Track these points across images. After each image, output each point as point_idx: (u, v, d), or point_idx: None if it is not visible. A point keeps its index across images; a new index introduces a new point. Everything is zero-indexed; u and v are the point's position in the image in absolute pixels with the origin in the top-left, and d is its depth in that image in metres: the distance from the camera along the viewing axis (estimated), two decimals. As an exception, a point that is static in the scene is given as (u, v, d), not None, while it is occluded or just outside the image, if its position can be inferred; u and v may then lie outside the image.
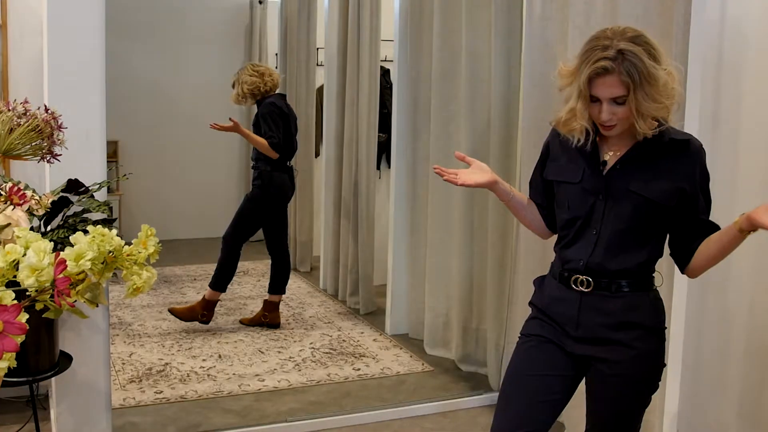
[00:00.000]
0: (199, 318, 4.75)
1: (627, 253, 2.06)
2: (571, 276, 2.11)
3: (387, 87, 5.85)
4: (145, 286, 2.47)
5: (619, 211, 2.04)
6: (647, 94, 1.92)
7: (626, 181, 2.03)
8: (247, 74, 4.70)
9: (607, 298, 2.08)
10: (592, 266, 2.08)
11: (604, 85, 1.94)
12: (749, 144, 2.73)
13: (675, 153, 2.04)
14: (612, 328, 2.07)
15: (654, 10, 2.84)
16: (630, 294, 2.08)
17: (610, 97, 1.95)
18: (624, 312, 2.07)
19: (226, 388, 3.89)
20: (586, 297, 2.09)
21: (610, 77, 1.93)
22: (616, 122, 1.99)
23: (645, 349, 2.09)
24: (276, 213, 4.81)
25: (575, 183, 2.10)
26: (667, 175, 2.03)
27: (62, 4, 2.77)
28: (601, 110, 1.97)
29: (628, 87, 1.92)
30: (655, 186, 2.02)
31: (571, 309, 2.11)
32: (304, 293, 5.79)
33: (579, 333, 2.10)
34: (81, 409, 2.94)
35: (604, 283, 2.07)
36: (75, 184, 2.72)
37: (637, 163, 2.04)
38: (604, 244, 2.06)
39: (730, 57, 2.65)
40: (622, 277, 2.07)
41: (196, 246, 7.16)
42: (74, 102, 2.75)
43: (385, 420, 3.60)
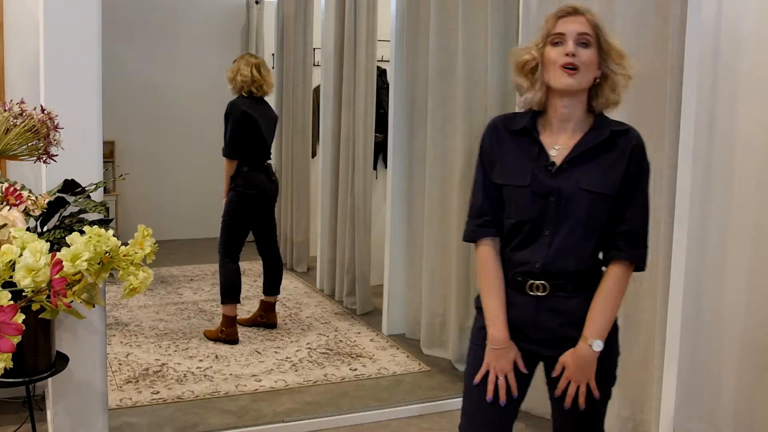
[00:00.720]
0: (221, 336, 4.59)
1: (582, 251, 2.04)
2: (525, 281, 2.06)
3: (384, 87, 5.86)
4: (141, 287, 2.46)
5: (573, 211, 2.01)
6: (609, 50, 1.98)
7: (576, 179, 2.01)
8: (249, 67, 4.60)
9: (564, 299, 2.05)
10: (548, 269, 2.03)
11: (572, 22, 1.99)
12: (745, 144, 2.74)
13: (617, 145, 2.03)
14: (572, 326, 2.05)
15: (650, 11, 2.84)
16: (584, 293, 2.06)
17: (576, 32, 1.97)
18: (578, 311, 2.05)
19: (222, 388, 3.88)
20: (542, 300, 2.06)
21: (578, 16, 1.99)
22: (580, 65, 1.97)
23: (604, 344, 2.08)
24: (260, 213, 4.70)
25: (525, 186, 2.04)
26: (612, 167, 2.02)
27: (58, 5, 2.76)
28: (567, 46, 1.97)
29: (595, 29, 1.97)
30: (603, 180, 2.01)
31: (528, 313, 2.08)
32: (300, 293, 5.79)
33: (538, 335, 2.09)
34: (77, 409, 2.93)
35: (560, 285, 2.04)
36: (71, 185, 2.72)
37: (584, 159, 2.02)
38: (559, 245, 2.02)
39: (726, 57, 2.66)
40: (579, 276, 2.05)
41: (193, 246, 7.16)
42: (70, 102, 2.75)
43: (382, 420, 3.60)
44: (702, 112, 2.64)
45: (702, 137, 2.66)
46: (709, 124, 2.66)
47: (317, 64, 6.40)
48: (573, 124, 2.05)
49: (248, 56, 4.70)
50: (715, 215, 2.73)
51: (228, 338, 4.56)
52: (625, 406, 3.04)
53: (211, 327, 4.78)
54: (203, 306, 5.34)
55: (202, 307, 5.30)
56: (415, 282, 4.63)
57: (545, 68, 2.01)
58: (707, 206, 2.70)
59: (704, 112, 2.65)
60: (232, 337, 4.57)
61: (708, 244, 2.73)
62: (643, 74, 2.88)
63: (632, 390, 3.03)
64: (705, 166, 2.68)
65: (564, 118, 2.04)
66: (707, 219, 2.71)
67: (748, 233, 2.79)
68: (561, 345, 2.07)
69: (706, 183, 2.68)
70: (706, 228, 2.71)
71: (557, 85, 1.99)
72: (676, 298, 2.71)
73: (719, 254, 2.76)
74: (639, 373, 3.01)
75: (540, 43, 2.02)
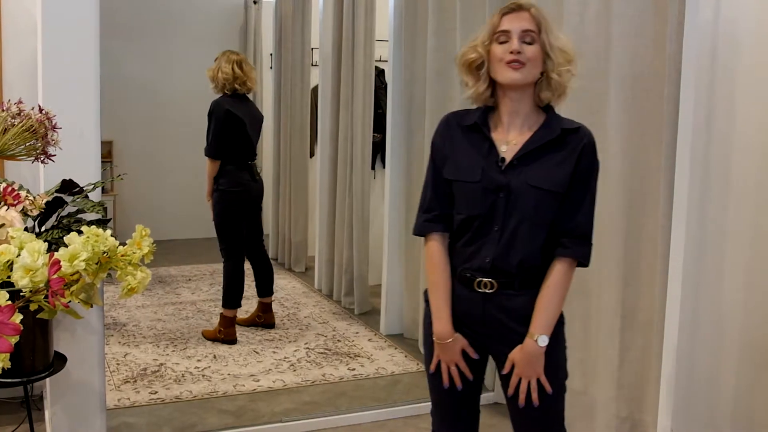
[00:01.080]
0: (219, 336, 4.59)
1: (530, 247, 2.06)
2: (474, 278, 2.08)
3: (382, 87, 5.86)
4: (139, 287, 2.46)
5: (521, 207, 2.03)
6: (554, 42, 2.03)
7: (525, 175, 2.03)
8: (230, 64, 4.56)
9: (511, 297, 2.07)
10: (497, 264, 2.05)
11: (516, 19, 2.03)
12: (743, 144, 2.74)
13: (567, 143, 2.06)
14: (518, 323, 2.07)
15: (648, 11, 2.84)
16: (531, 291, 2.08)
17: (521, 29, 2.01)
18: (524, 308, 2.07)
19: (220, 388, 3.88)
20: (489, 297, 2.08)
21: (522, 12, 2.03)
22: (525, 61, 2.00)
23: (552, 338, 2.09)
24: (246, 212, 4.66)
25: (475, 182, 2.06)
26: (561, 165, 2.04)
27: (56, 5, 2.76)
28: (512, 43, 2.01)
29: (538, 26, 2.02)
30: (551, 177, 2.03)
31: (475, 308, 2.10)
32: (299, 293, 5.79)
33: (485, 330, 2.11)
34: (75, 409, 2.93)
35: (508, 283, 2.06)
36: (69, 185, 2.72)
37: (534, 156, 2.04)
38: (508, 241, 2.04)
39: (724, 58, 2.66)
40: (526, 273, 2.07)
41: (191, 246, 7.16)
42: (68, 102, 2.75)
43: (380, 420, 3.60)
44: (700, 113, 2.64)
45: (700, 138, 2.66)
46: (706, 124, 2.67)
47: (315, 64, 6.40)
48: (522, 119, 2.08)
49: (229, 53, 4.63)
50: (713, 215, 2.73)
51: (226, 338, 4.56)
52: (623, 406, 3.05)
53: (209, 327, 4.78)
54: (201, 306, 5.34)
55: (201, 307, 5.30)
56: (413, 282, 4.63)
57: (491, 65, 2.05)
58: (705, 206, 2.70)
59: (702, 113, 2.65)
60: (230, 337, 4.57)
61: (706, 245, 2.73)
62: (641, 75, 2.89)
63: (630, 390, 3.03)
64: (703, 167, 2.69)
65: (512, 111, 2.08)
66: (705, 219, 2.72)
67: (746, 233, 2.80)
68: (508, 340, 2.10)
69: (704, 183, 2.68)
70: (704, 228, 2.72)
71: (503, 80, 2.03)
72: (674, 298, 2.71)
73: (717, 254, 2.76)
74: (637, 373, 3.01)
75: (486, 40, 2.05)
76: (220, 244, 4.63)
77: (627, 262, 2.98)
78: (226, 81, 4.51)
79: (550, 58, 2.03)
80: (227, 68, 4.53)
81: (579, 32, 3.11)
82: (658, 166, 2.85)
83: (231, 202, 4.55)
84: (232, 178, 4.53)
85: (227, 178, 4.53)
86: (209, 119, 4.53)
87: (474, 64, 2.07)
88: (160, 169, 7.42)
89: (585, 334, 3.23)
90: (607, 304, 3.06)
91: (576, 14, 3.12)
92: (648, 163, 2.91)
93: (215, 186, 4.56)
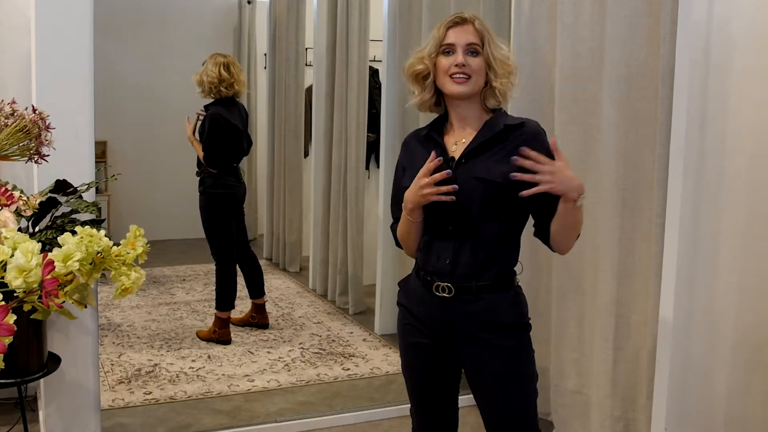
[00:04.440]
0: (213, 337, 4.58)
1: (483, 247, 2.08)
2: (433, 281, 2.12)
3: (376, 87, 5.85)
4: (133, 287, 2.46)
5: (471, 202, 2.05)
6: (496, 55, 2.09)
7: (471, 171, 2.07)
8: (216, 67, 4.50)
9: (468, 302, 2.09)
10: (457, 268, 2.08)
11: (461, 32, 2.10)
12: (737, 144, 2.75)
13: (513, 137, 2.10)
14: (477, 328, 2.10)
15: (642, 10, 2.85)
16: (490, 296, 2.09)
17: (465, 42, 2.08)
18: (485, 313, 2.09)
19: (215, 388, 3.88)
20: (447, 301, 2.10)
21: (466, 26, 2.11)
22: (470, 73, 2.07)
23: (510, 345, 2.12)
24: (231, 213, 4.63)
25: None
26: (505, 158, 2.05)
27: (50, 4, 2.76)
28: (457, 56, 2.07)
29: (482, 38, 2.09)
30: (497, 169, 2.05)
31: (435, 312, 2.13)
32: (293, 293, 5.79)
33: (446, 335, 2.13)
34: (70, 410, 2.93)
35: (465, 287, 2.08)
36: (63, 185, 2.72)
37: (480, 153, 2.09)
38: (463, 241, 2.08)
39: (718, 57, 2.67)
40: (484, 279, 2.09)
41: (185, 246, 7.14)
42: (62, 102, 2.75)
43: (374, 420, 3.60)
44: (693, 113, 2.65)
45: (693, 138, 2.67)
46: (700, 124, 2.67)
47: (309, 64, 6.39)
48: (470, 122, 2.15)
49: (216, 55, 4.56)
50: (707, 215, 2.74)
51: (221, 338, 4.55)
52: (617, 406, 3.05)
53: (203, 327, 4.77)
54: (196, 306, 5.33)
55: (195, 308, 5.29)
56: (407, 282, 4.62)
57: (438, 76, 2.13)
58: (699, 206, 2.71)
59: (696, 113, 2.66)
60: (224, 337, 4.56)
61: (699, 245, 2.74)
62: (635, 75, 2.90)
63: (624, 389, 3.04)
64: (696, 167, 2.69)
65: (461, 117, 2.15)
66: (699, 219, 2.72)
67: (740, 233, 2.81)
68: (472, 344, 2.11)
69: (698, 183, 2.69)
70: (698, 228, 2.72)
71: (450, 92, 2.11)
72: (667, 298, 2.71)
73: (711, 254, 2.77)
74: (631, 373, 3.01)
75: (433, 52, 2.12)
76: (211, 247, 4.62)
77: (621, 262, 2.99)
78: (212, 84, 4.45)
79: (492, 69, 2.10)
80: (213, 71, 4.46)
81: (573, 32, 3.12)
82: (651, 166, 2.86)
83: (216, 204, 4.53)
84: (217, 181, 4.51)
85: (212, 181, 4.51)
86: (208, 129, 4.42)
87: (421, 74, 2.15)
88: (154, 169, 7.40)
89: (579, 333, 3.23)
90: (602, 304, 3.06)
91: (571, 14, 3.13)
92: (642, 163, 2.92)
93: (200, 189, 4.55)
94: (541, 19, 3.33)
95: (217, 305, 4.62)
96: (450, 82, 2.09)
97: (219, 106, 4.49)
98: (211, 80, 4.45)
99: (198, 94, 4.55)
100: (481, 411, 2.20)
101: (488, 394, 2.14)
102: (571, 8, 3.13)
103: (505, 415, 2.14)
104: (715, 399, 2.85)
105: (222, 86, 4.46)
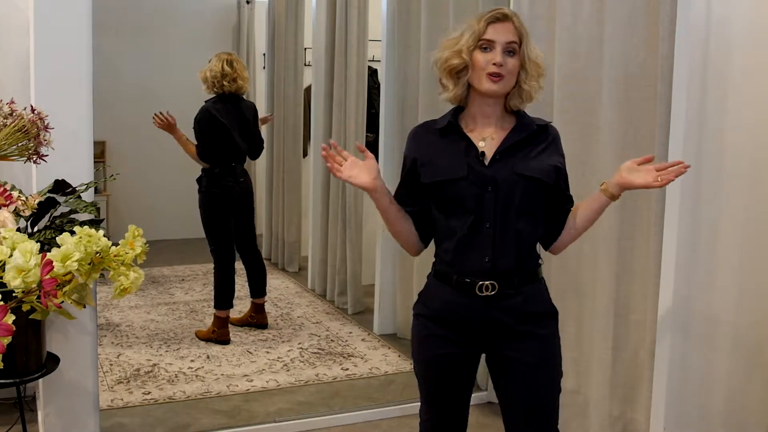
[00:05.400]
0: (212, 337, 4.58)
1: (523, 242, 2.08)
2: (474, 283, 2.08)
3: (375, 87, 5.86)
4: (132, 287, 2.46)
5: (511, 199, 2.05)
6: (531, 56, 2.07)
7: (509, 167, 2.06)
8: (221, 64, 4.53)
9: (510, 297, 2.08)
10: (498, 264, 2.07)
11: (502, 30, 2.05)
12: (735, 144, 2.75)
13: (541, 137, 2.13)
14: (521, 322, 2.10)
15: (640, 10, 2.85)
16: (528, 287, 2.11)
17: (506, 40, 2.04)
18: (524, 305, 2.10)
19: (214, 388, 3.88)
20: (490, 300, 2.08)
21: (507, 23, 2.06)
22: (505, 74, 2.04)
23: (549, 334, 2.14)
24: (230, 213, 4.62)
25: (462, 177, 2.06)
26: (540, 155, 2.09)
27: (49, 4, 2.76)
28: (495, 54, 2.04)
29: (520, 37, 2.06)
30: (536, 166, 2.07)
31: (475, 314, 2.10)
32: (292, 293, 5.79)
33: (484, 335, 2.12)
34: (68, 410, 2.92)
35: (507, 282, 2.08)
36: (62, 185, 2.71)
37: (514, 150, 2.08)
38: (501, 236, 2.06)
39: (716, 57, 2.67)
40: (522, 271, 2.10)
41: (184, 246, 7.14)
42: (61, 102, 2.74)
43: (373, 420, 3.60)
44: (692, 113, 2.65)
45: (692, 138, 2.67)
46: (699, 124, 2.67)
47: (308, 63, 6.39)
48: (494, 120, 2.13)
49: (221, 53, 4.62)
50: (705, 216, 2.74)
51: (219, 338, 4.55)
52: (616, 405, 3.05)
53: (202, 327, 4.77)
54: (195, 306, 5.33)
55: (194, 308, 5.29)
56: (406, 282, 4.63)
57: (473, 71, 2.08)
58: (697, 206, 2.71)
59: (694, 113, 2.66)
60: (223, 337, 4.56)
61: (698, 245, 2.74)
62: (634, 74, 2.90)
63: (623, 389, 3.04)
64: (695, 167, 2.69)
65: (486, 114, 2.12)
66: (697, 219, 2.72)
67: (738, 233, 2.81)
68: (511, 339, 2.11)
69: (696, 183, 2.69)
70: (696, 228, 2.72)
71: (482, 89, 2.07)
72: (666, 298, 2.72)
73: (709, 254, 2.77)
74: (629, 372, 3.02)
75: (471, 46, 2.06)
76: (209, 245, 4.64)
77: (620, 262, 2.99)
78: (215, 79, 4.48)
79: (524, 70, 2.08)
80: (217, 66, 4.50)
81: (572, 32, 3.12)
82: (650, 165, 2.85)
83: (211, 204, 4.54)
84: (213, 180, 4.52)
85: (208, 181, 4.53)
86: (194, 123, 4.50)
87: (456, 69, 2.09)
88: (153, 169, 7.39)
89: (578, 333, 3.23)
90: (601, 304, 3.06)
91: (569, 14, 3.13)
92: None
93: (198, 188, 4.57)
94: (540, 19, 3.33)
95: (215, 303, 4.62)
96: (486, 79, 2.05)
97: (211, 102, 4.53)
98: (214, 75, 4.49)
99: (203, 91, 4.58)
100: (503, 405, 2.20)
101: (525, 387, 2.13)
102: (569, 8, 3.13)
103: (536, 410, 2.13)
104: (714, 399, 2.85)
105: (225, 80, 4.49)
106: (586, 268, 3.17)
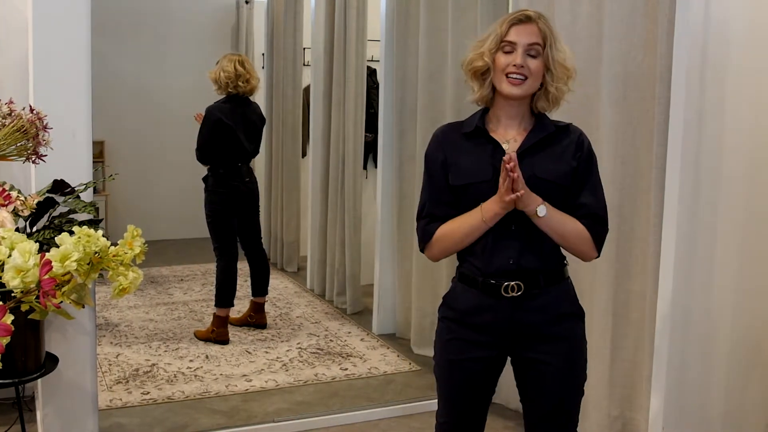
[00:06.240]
0: (211, 336, 4.58)
1: (546, 242, 2.07)
2: (500, 283, 2.07)
3: (374, 87, 5.86)
4: (131, 287, 2.46)
5: None
6: (556, 58, 2.04)
7: (531, 169, 2.05)
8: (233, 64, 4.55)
9: (537, 297, 2.08)
10: (521, 263, 2.06)
11: (524, 32, 2.04)
12: (733, 144, 2.75)
13: (560, 139, 2.11)
14: (548, 323, 2.09)
15: (639, 11, 2.86)
16: (554, 287, 2.10)
17: (527, 42, 2.03)
18: (555, 305, 2.09)
19: (213, 388, 3.88)
20: (516, 300, 2.07)
21: (530, 25, 2.05)
22: (527, 75, 2.03)
23: (578, 335, 2.14)
24: (235, 212, 4.64)
25: (488, 180, 2.06)
26: (561, 158, 2.08)
27: (48, 5, 2.76)
28: (516, 56, 2.02)
29: (544, 39, 2.04)
30: (556, 169, 2.06)
31: (503, 315, 2.09)
32: (291, 293, 5.79)
33: (512, 336, 2.11)
34: (67, 410, 2.92)
35: (533, 282, 2.07)
36: (61, 185, 2.71)
37: (535, 151, 2.08)
38: (527, 239, 2.06)
39: (714, 57, 2.67)
40: (548, 271, 2.09)
41: (183, 246, 7.14)
42: (60, 102, 2.74)
43: (372, 420, 3.60)
44: (690, 113, 2.65)
45: (690, 138, 2.67)
46: (697, 124, 2.68)
47: (307, 63, 6.39)
48: (518, 121, 2.12)
49: (230, 54, 4.66)
50: (704, 215, 2.75)
51: (219, 338, 4.55)
52: (614, 405, 3.06)
53: (201, 327, 4.77)
54: (193, 306, 5.33)
55: (193, 308, 5.29)
56: (405, 282, 4.63)
57: (495, 73, 2.07)
58: (696, 206, 2.72)
59: (693, 113, 2.66)
60: (222, 337, 4.56)
61: (697, 244, 2.74)
62: (632, 75, 2.90)
63: (622, 388, 3.04)
64: (693, 167, 2.70)
65: (510, 116, 2.12)
66: (696, 219, 2.73)
67: (737, 233, 2.81)
68: (539, 341, 2.10)
69: (695, 183, 2.70)
70: (695, 228, 2.73)
71: (504, 91, 2.06)
72: (665, 298, 2.72)
73: (708, 254, 2.77)
74: (628, 372, 3.02)
75: (493, 48, 2.06)
76: (213, 243, 4.66)
77: (619, 262, 2.99)
78: (229, 80, 4.50)
79: (550, 72, 2.06)
80: (229, 67, 4.51)
81: (571, 32, 3.12)
82: (649, 165, 2.86)
83: (217, 203, 4.58)
84: (219, 180, 4.55)
85: (214, 181, 4.56)
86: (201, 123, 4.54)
87: (480, 71, 2.09)
88: (152, 169, 7.40)
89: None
90: (599, 303, 3.06)
91: (567, 14, 3.13)
92: (639, 163, 2.92)
93: (204, 187, 4.60)
94: (539, 18, 3.33)
95: (217, 301, 4.63)
96: (506, 81, 2.04)
97: (220, 103, 4.56)
98: (228, 75, 4.50)
99: (215, 92, 4.60)
100: (525, 406, 2.20)
101: (550, 389, 2.12)
102: (568, 8, 3.13)
103: (560, 412, 2.14)
104: (713, 398, 2.86)
105: (239, 81, 4.51)
106: (585, 268, 3.17)
